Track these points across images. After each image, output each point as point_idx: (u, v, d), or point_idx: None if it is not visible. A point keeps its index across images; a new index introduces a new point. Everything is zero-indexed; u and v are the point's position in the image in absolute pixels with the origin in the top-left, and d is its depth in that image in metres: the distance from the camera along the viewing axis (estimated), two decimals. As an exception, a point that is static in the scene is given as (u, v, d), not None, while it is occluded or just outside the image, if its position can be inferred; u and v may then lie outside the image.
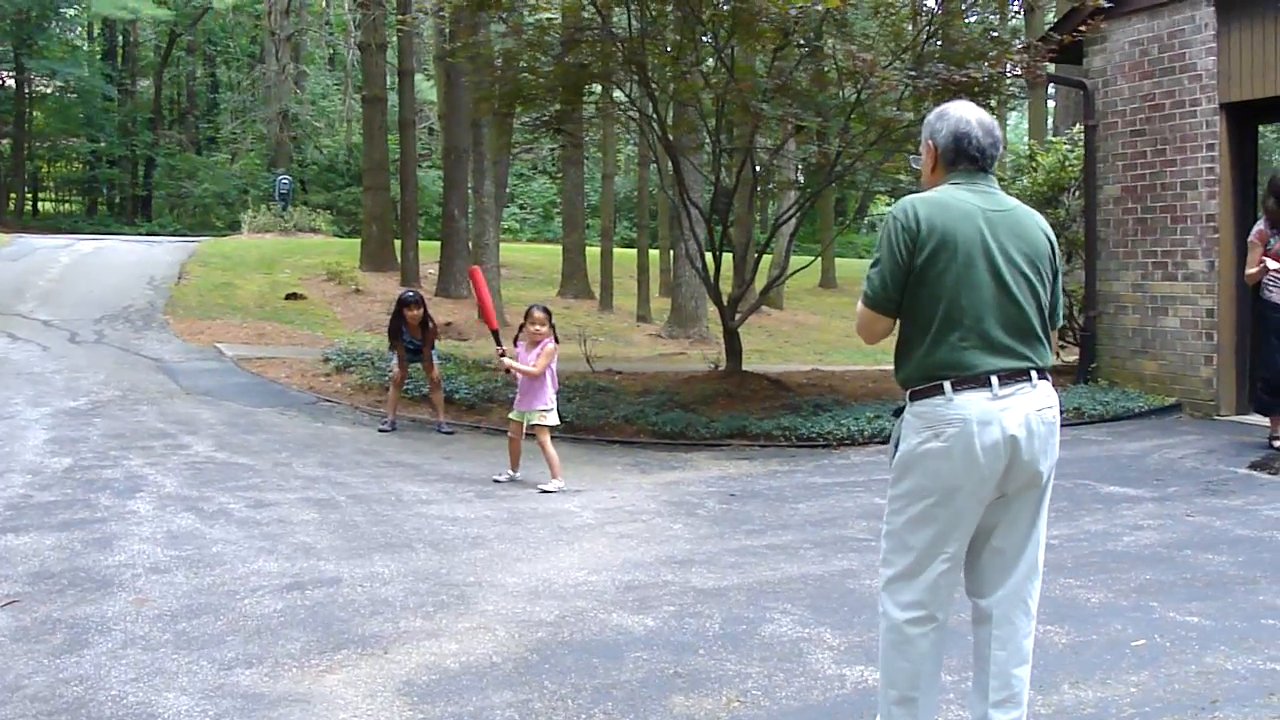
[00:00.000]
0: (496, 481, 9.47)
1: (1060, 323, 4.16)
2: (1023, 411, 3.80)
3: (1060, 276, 4.10)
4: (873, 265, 3.97)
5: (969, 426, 3.75)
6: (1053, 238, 4.07)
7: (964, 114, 4.04)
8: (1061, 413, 11.66)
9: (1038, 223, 4.03)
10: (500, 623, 5.72)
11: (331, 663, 5.13)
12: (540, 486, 9.23)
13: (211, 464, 9.84)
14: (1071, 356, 15.62)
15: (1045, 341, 3.96)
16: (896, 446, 3.98)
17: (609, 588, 6.39)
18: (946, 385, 3.80)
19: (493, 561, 6.96)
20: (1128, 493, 8.97)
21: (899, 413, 4.03)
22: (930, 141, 4.10)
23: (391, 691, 4.81)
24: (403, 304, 12.28)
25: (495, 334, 9.71)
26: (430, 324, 12.29)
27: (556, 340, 9.69)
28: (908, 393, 3.94)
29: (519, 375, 9.54)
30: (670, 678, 4.97)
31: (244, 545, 7.18)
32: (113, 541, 7.17)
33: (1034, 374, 3.86)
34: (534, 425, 9.44)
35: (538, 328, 9.41)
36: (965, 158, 4.00)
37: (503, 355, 9.53)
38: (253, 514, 8.04)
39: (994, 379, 3.79)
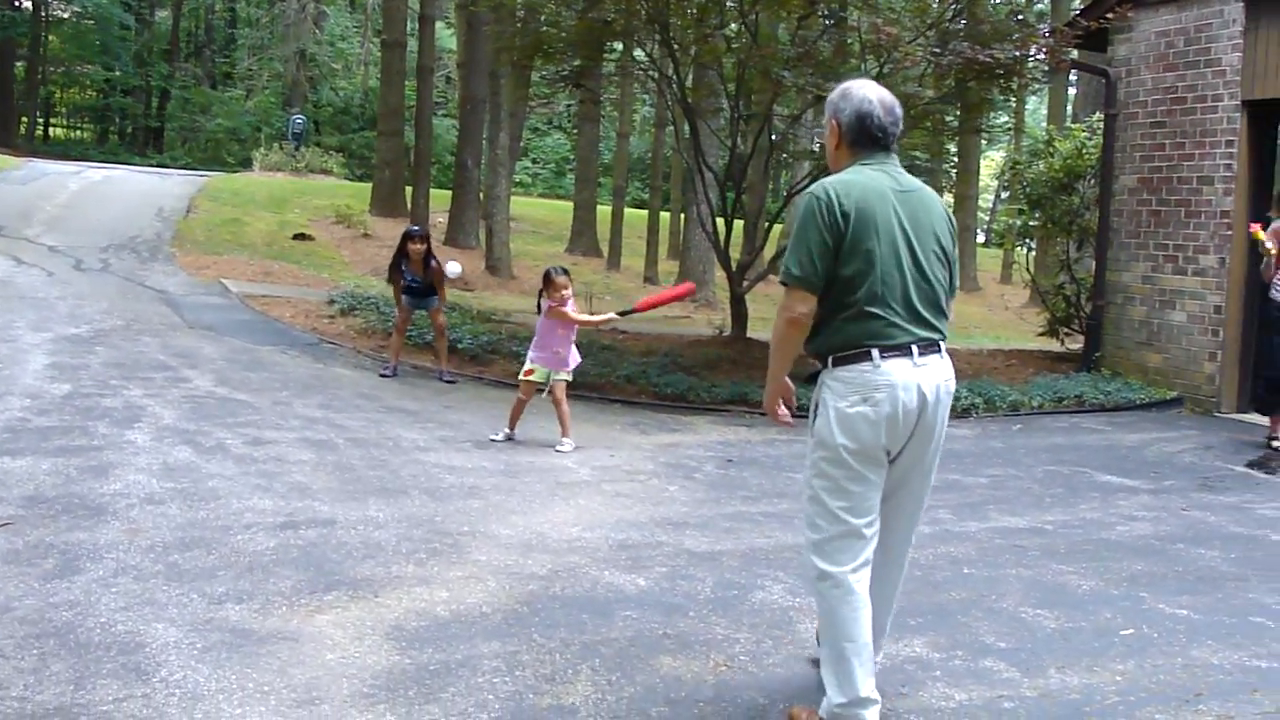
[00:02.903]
0: (493, 441, 9.38)
1: (955, 293, 4.36)
2: (935, 380, 4.08)
3: (955, 248, 4.32)
4: (793, 248, 4.08)
5: (895, 391, 3.99)
6: (952, 218, 4.33)
7: (866, 93, 4.23)
8: (1062, 400, 11.66)
9: (937, 201, 4.27)
10: (492, 573, 5.72)
11: (321, 603, 5.14)
12: (556, 447, 9.11)
13: (211, 399, 9.84)
14: (1076, 344, 15.60)
15: (948, 313, 4.24)
16: (815, 411, 4.17)
17: (602, 545, 6.39)
18: (875, 353, 4.01)
19: (487, 512, 6.96)
20: (1124, 483, 8.97)
21: (812, 379, 4.22)
22: (834, 120, 4.27)
23: (380, 635, 4.81)
24: (407, 236, 12.24)
25: (631, 312, 9.55)
26: (434, 262, 12.21)
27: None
28: (829, 359, 4.10)
29: (543, 333, 9.39)
30: (659, 638, 4.97)
31: (239, 481, 7.19)
32: (109, 470, 7.18)
33: (941, 345, 4.14)
34: (556, 381, 9.35)
35: (564, 292, 9.28)
36: (868, 137, 4.20)
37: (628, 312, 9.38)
38: (250, 451, 8.04)
39: (914, 348, 4.03)
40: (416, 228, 12.70)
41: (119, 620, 4.78)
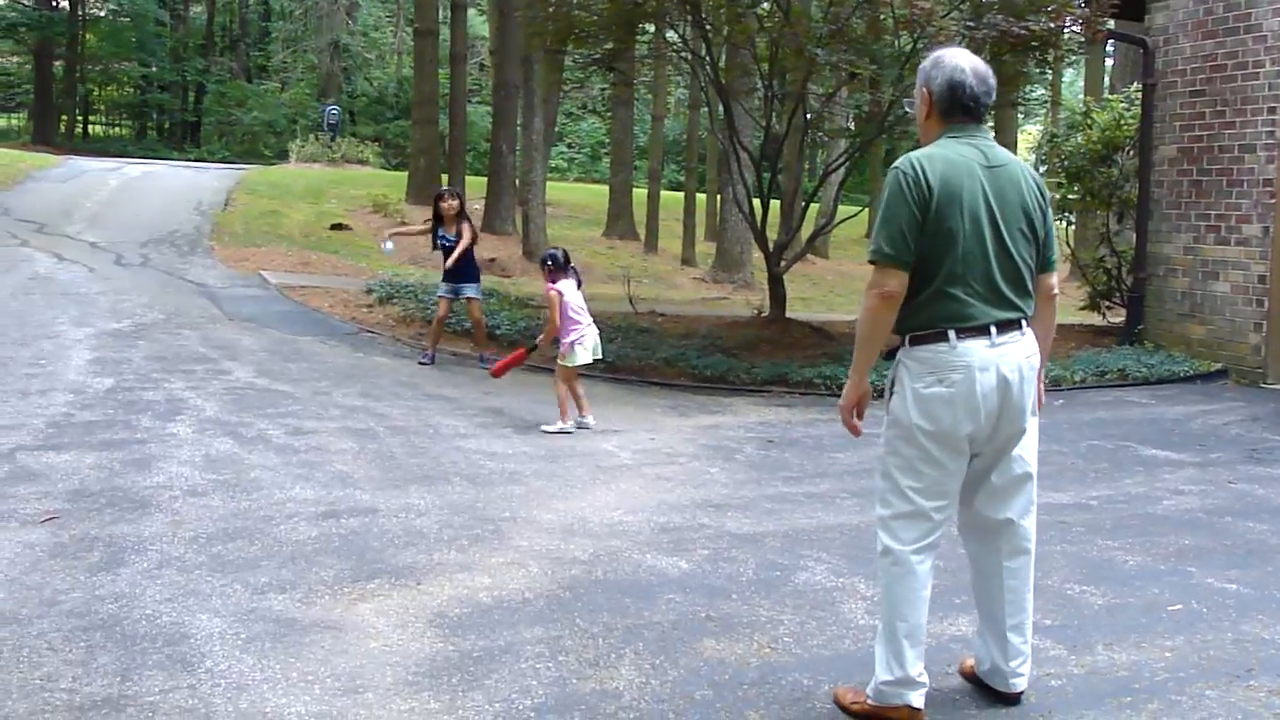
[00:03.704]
0: (567, 433, 9.30)
1: (1055, 264, 4.26)
2: (1015, 359, 3.97)
3: (1052, 225, 4.21)
4: (881, 225, 3.98)
5: (972, 373, 3.90)
6: (1044, 187, 4.19)
7: (959, 61, 4.08)
8: (1105, 374, 11.55)
9: (1029, 173, 4.13)
10: (534, 559, 5.72)
11: (364, 591, 5.15)
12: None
13: (252, 390, 9.88)
14: (1118, 318, 15.48)
15: (1032, 292, 4.11)
16: (892, 389, 4.10)
17: (644, 528, 6.38)
18: (951, 333, 3.92)
19: (529, 498, 6.96)
20: (1170, 456, 8.88)
21: (891, 355, 4.12)
22: (925, 89, 4.13)
23: (423, 622, 4.81)
24: (438, 196, 12.54)
25: (531, 349, 9.98)
26: (468, 221, 12.40)
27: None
28: (906, 338, 4.03)
29: (562, 322, 9.40)
30: (702, 621, 4.95)
31: (281, 472, 7.21)
32: (151, 463, 7.22)
33: (1023, 323, 4.03)
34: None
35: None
36: (960, 107, 4.06)
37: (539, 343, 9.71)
38: (291, 441, 8.07)
39: (993, 328, 3.93)
40: (446, 188, 12.85)
41: (164, 612, 4.79)
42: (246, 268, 18.14)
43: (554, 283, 9.39)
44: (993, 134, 4.19)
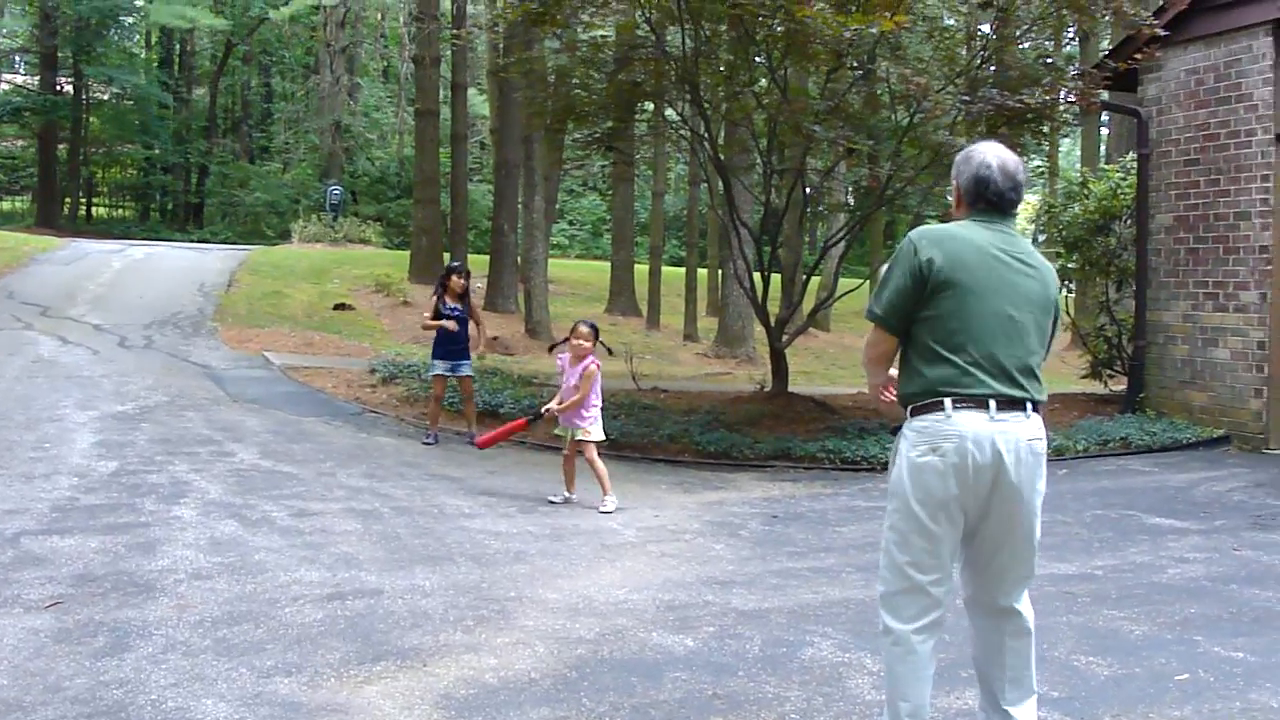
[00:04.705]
0: (552, 502, 9.38)
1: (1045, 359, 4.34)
2: (1014, 437, 3.99)
3: (1059, 322, 4.32)
4: (881, 287, 4.18)
5: (965, 444, 3.95)
6: (1058, 293, 4.29)
7: (986, 158, 4.21)
8: (1108, 442, 11.56)
9: (1048, 268, 4.24)
10: (540, 638, 5.71)
11: (370, 674, 5.14)
12: (599, 508, 9.12)
13: (256, 471, 9.89)
14: (1119, 386, 15.51)
15: (1040, 380, 4.14)
16: (892, 461, 4.20)
17: (649, 606, 6.37)
18: (947, 403, 4.00)
19: (534, 577, 6.96)
20: (1174, 524, 8.88)
21: (897, 430, 4.22)
22: (956, 181, 4.30)
23: (429, 704, 4.81)
24: (450, 271, 12.67)
25: (530, 418, 10.05)
26: (470, 298, 12.68)
27: (599, 358, 9.62)
28: (908, 409, 4.13)
29: (560, 412, 9.47)
30: (709, 699, 4.95)
31: (286, 554, 7.21)
32: (156, 546, 7.22)
33: (1029, 405, 4.05)
34: (578, 441, 9.38)
35: (581, 342, 9.30)
36: (984, 200, 4.20)
37: (548, 410, 9.62)
38: (296, 523, 8.07)
39: (992, 402, 3.98)
40: (457, 263, 13.07)
41: (169, 697, 4.79)
42: (250, 349, 18.19)
43: (593, 356, 9.45)
44: (1018, 225, 4.32)
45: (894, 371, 4.29)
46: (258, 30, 58.11)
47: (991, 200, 4.17)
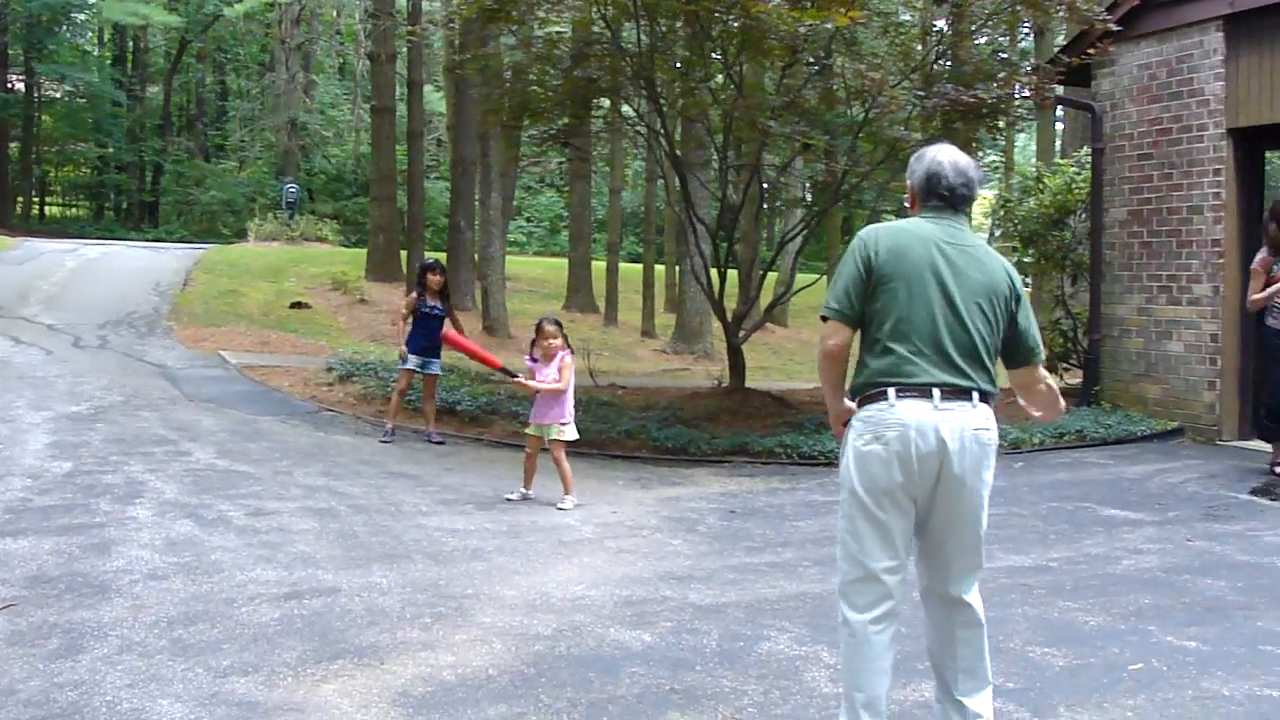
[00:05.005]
0: (509, 500, 9.36)
1: (1040, 357, 4.40)
2: (959, 426, 4.03)
3: (1029, 314, 4.33)
4: (831, 283, 4.27)
5: (908, 432, 4.00)
6: (1015, 279, 4.32)
7: (938, 156, 4.34)
8: (1063, 435, 11.60)
9: (999, 262, 4.29)
10: (497, 635, 5.71)
11: (327, 672, 5.12)
12: (557, 505, 9.10)
13: (212, 471, 9.83)
14: (1075, 379, 15.60)
15: (989, 368, 4.17)
16: (841, 453, 4.25)
17: (607, 602, 6.38)
18: (890, 392, 4.05)
19: (491, 574, 6.95)
20: (1129, 516, 8.95)
21: (847, 423, 4.26)
22: (910, 181, 4.42)
23: (387, 702, 4.80)
24: (426, 269, 12.62)
25: (503, 369, 9.72)
26: (449, 297, 12.65)
27: (572, 350, 9.59)
28: (856, 401, 4.19)
29: (537, 391, 9.38)
30: (666, 694, 4.96)
31: (243, 553, 7.17)
32: (111, 547, 7.17)
33: (975, 394, 4.09)
34: (551, 440, 9.34)
35: (551, 341, 9.25)
36: (935, 195, 4.30)
37: (520, 378, 9.40)
38: (252, 522, 8.03)
39: (936, 391, 4.02)
40: (433, 260, 13.04)
41: (124, 698, 4.76)
42: (206, 348, 18.08)
43: (565, 350, 9.40)
44: (967, 221, 4.37)
45: (851, 404, 4.29)
46: (212, 27, 57.74)
47: (942, 195, 4.26)
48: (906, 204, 4.53)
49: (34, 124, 55.49)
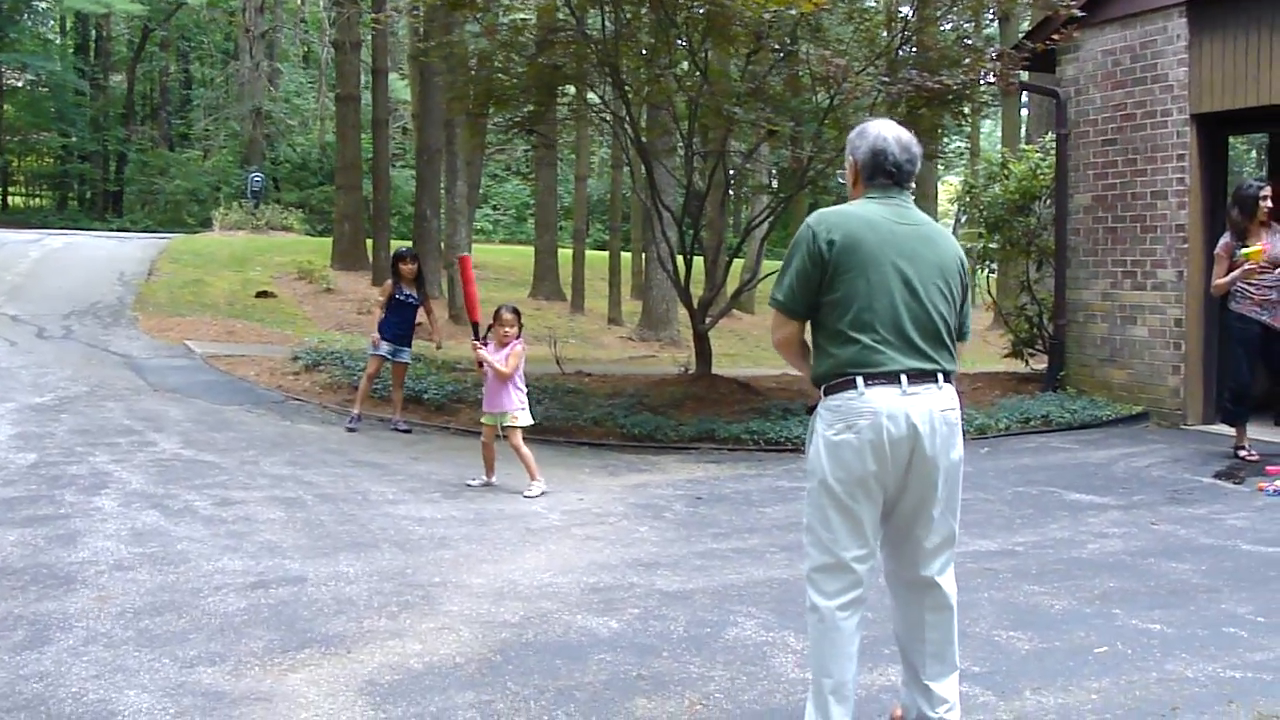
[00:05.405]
0: (469, 486, 9.39)
1: (967, 337, 4.38)
2: (928, 409, 4.03)
3: (969, 294, 4.36)
4: (782, 272, 4.22)
5: (879, 419, 3.98)
6: (963, 257, 4.33)
7: (882, 131, 4.30)
8: (1029, 420, 11.66)
9: (948, 240, 4.30)
10: (464, 623, 5.70)
11: (294, 662, 5.11)
12: (524, 493, 9.10)
13: (178, 461, 9.79)
14: (1041, 365, 15.66)
15: (951, 348, 4.18)
16: (809, 440, 4.22)
17: (574, 589, 6.38)
18: (859, 380, 4.02)
19: (458, 562, 6.94)
20: (1094, 500, 9.00)
21: (812, 410, 4.24)
22: (852, 157, 4.37)
23: (354, 691, 4.79)
24: (398, 258, 12.62)
25: (475, 326, 9.67)
26: (423, 283, 12.64)
27: (523, 342, 9.61)
28: (822, 389, 4.15)
29: (487, 377, 9.42)
30: (633, 680, 4.96)
31: (209, 543, 7.15)
32: (76, 538, 7.13)
33: (940, 376, 4.09)
34: (505, 427, 9.36)
35: (506, 329, 9.32)
36: (881, 172, 4.26)
37: (478, 347, 9.39)
38: (218, 512, 8.01)
39: (903, 377, 4.01)
40: (406, 249, 13.03)
41: (90, 689, 4.74)
42: (171, 338, 17.98)
43: (518, 340, 9.44)
44: (912, 197, 4.36)
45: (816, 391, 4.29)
46: (175, 15, 57.28)
47: (889, 172, 4.23)
48: (845, 181, 4.49)
49: (-4, 113, 55.07)
